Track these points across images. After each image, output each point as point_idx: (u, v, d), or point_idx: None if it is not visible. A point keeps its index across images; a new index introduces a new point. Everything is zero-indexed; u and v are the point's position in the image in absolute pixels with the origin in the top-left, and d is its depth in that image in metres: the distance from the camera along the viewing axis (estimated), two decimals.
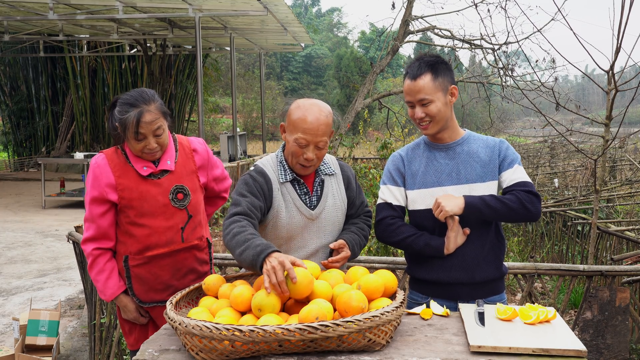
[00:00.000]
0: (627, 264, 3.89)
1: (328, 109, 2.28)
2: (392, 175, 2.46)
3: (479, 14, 12.25)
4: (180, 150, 2.54)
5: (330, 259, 2.26)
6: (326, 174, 2.40)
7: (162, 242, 2.46)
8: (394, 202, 2.43)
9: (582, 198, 7.32)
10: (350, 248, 2.32)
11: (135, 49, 16.14)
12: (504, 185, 2.36)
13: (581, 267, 3.28)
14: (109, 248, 2.49)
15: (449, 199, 2.26)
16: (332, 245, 2.29)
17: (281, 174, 2.32)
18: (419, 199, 2.39)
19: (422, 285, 2.45)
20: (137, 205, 2.42)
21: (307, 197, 2.34)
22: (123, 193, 2.41)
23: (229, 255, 3.46)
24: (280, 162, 2.35)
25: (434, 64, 2.30)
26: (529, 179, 2.37)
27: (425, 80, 2.27)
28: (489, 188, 2.34)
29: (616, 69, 4.23)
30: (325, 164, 2.41)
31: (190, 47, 15.97)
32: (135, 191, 2.42)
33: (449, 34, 13.74)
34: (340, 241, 2.30)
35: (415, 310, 2.10)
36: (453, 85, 2.33)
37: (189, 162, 2.54)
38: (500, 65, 13.27)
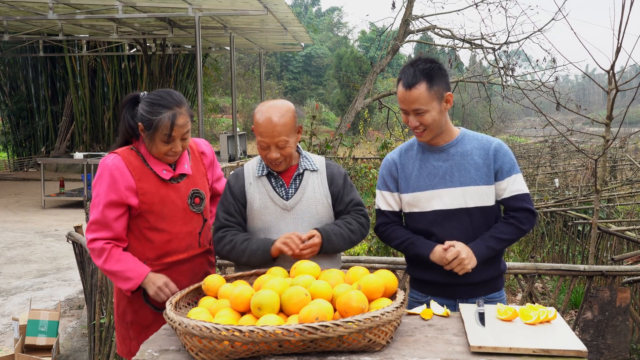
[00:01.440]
0: (627, 264, 3.88)
1: (285, 108, 2.32)
2: (384, 181, 2.46)
3: (479, 13, 12.28)
4: (191, 154, 2.52)
5: (300, 245, 2.26)
6: (306, 169, 2.44)
7: (181, 247, 2.42)
8: (387, 209, 2.46)
9: (582, 198, 7.31)
10: (324, 237, 2.30)
11: (135, 49, 16.14)
12: (503, 196, 2.34)
13: (582, 267, 3.27)
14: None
15: (470, 257, 2.25)
16: (303, 236, 2.29)
17: (258, 169, 2.43)
18: (413, 203, 2.38)
19: (421, 285, 2.47)
20: (157, 210, 2.35)
21: (282, 189, 2.41)
22: (144, 197, 2.33)
23: None
24: (260, 160, 2.46)
25: (429, 71, 2.22)
26: (526, 190, 2.35)
27: (421, 90, 2.20)
28: (481, 191, 2.32)
29: (617, 68, 4.23)
30: (307, 160, 2.46)
31: (190, 46, 15.97)
32: (156, 195, 2.35)
33: (450, 34, 13.74)
34: (311, 230, 2.32)
35: (416, 310, 2.10)
36: (448, 93, 2.28)
37: (199, 166, 2.53)
38: (501, 65, 13.28)
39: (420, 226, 2.38)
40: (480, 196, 2.32)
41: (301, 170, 2.43)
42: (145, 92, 2.37)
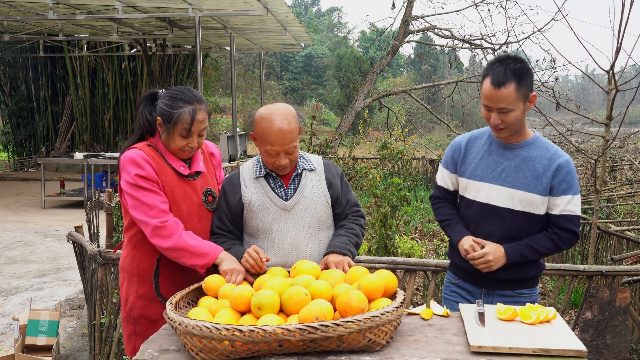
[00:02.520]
0: (627, 264, 3.88)
1: (291, 113, 2.32)
2: (447, 160, 2.55)
3: (479, 13, 12.30)
4: (202, 154, 2.54)
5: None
6: (305, 169, 2.45)
7: None
8: (442, 184, 2.58)
9: (582, 198, 7.31)
10: (349, 254, 2.34)
11: (135, 49, 16.13)
12: (554, 211, 2.34)
13: (581, 267, 3.28)
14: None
15: (498, 259, 2.32)
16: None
17: (256, 170, 2.43)
18: (466, 188, 2.45)
19: (455, 268, 2.57)
20: (176, 205, 2.37)
21: (281, 189, 2.41)
22: (165, 190, 2.35)
23: None
24: (258, 161, 2.46)
25: (520, 71, 2.22)
26: (578, 212, 2.35)
27: (509, 89, 2.21)
28: (531, 199, 2.32)
29: (616, 68, 4.23)
30: (305, 159, 2.47)
31: (190, 47, 15.96)
32: (177, 190, 2.38)
33: (449, 34, 13.75)
34: (323, 260, 2.32)
35: (415, 310, 2.10)
36: (533, 94, 2.29)
37: (209, 166, 2.55)
38: None
39: (469, 213, 2.45)
40: (529, 203, 2.33)
41: (299, 171, 2.44)
42: (164, 90, 2.40)
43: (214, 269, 2.27)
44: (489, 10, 13.96)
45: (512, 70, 2.22)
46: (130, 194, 2.32)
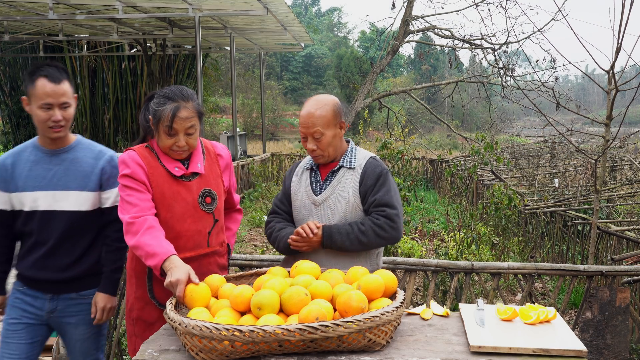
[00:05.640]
0: (627, 264, 3.88)
1: (325, 102, 2.41)
2: None
3: (479, 13, 12.29)
4: (207, 154, 2.52)
5: (291, 237, 2.40)
6: (343, 166, 2.48)
7: (189, 245, 2.40)
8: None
9: (582, 198, 7.31)
10: (325, 233, 2.37)
11: (135, 49, 16.13)
12: (104, 205, 2.55)
13: (581, 267, 3.28)
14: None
15: None
16: (313, 226, 2.37)
17: (308, 162, 2.56)
18: (24, 202, 2.50)
19: (21, 277, 2.84)
20: (167, 206, 2.36)
21: (317, 184, 2.49)
22: (155, 190, 2.34)
23: None
24: None
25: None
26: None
27: (65, 86, 2.42)
28: (85, 197, 2.47)
29: (616, 68, 4.23)
30: (350, 156, 2.49)
31: (190, 47, 15.96)
32: (168, 191, 2.36)
33: (449, 34, 13.75)
34: (313, 222, 2.40)
35: (415, 310, 2.10)
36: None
37: (214, 167, 2.52)
38: (501, 65, 13.29)
39: (31, 224, 2.64)
40: (81, 201, 2.51)
41: (337, 167, 2.48)
42: None
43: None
44: (489, 10, 13.95)
45: (64, 69, 2.46)
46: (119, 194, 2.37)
